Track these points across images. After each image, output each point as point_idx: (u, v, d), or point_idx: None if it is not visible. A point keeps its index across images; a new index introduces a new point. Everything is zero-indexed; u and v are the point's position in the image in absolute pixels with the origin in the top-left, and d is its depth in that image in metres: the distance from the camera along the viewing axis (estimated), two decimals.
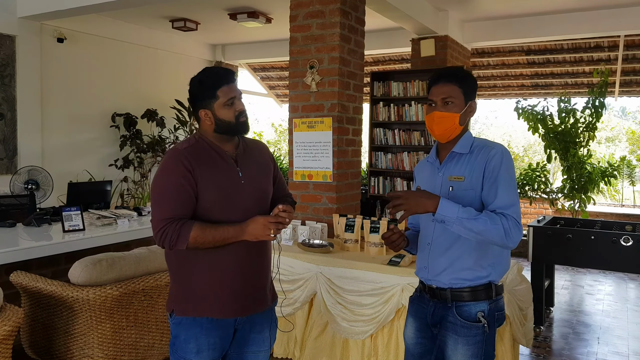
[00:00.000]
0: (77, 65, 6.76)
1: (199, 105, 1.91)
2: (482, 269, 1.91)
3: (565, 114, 5.92)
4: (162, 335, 2.97)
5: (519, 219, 1.82)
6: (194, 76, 1.93)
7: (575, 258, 4.33)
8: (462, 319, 1.90)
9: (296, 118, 4.35)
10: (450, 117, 1.93)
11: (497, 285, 1.95)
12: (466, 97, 1.96)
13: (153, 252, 3.01)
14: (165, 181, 1.85)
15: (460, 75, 1.98)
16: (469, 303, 1.91)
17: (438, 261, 1.96)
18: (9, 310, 2.35)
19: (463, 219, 1.77)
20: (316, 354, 3.29)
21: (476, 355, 1.90)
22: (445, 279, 1.94)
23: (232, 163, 1.94)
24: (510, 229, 1.78)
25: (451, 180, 1.94)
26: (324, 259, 3.31)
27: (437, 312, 1.98)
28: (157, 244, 1.85)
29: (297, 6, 4.32)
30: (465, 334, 1.90)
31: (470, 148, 1.96)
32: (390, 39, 7.33)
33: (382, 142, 6.03)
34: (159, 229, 1.82)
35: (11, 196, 4.20)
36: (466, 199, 1.89)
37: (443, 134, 1.96)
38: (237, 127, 1.92)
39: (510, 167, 1.90)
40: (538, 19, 6.44)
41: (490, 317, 1.91)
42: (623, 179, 9.69)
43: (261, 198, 2.00)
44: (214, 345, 1.90)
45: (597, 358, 3.77)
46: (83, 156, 6.87)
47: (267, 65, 9.87)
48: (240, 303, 1.92)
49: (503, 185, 1.85)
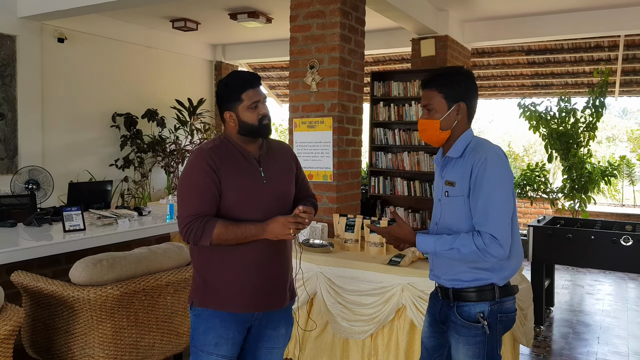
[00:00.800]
0: (78, 65, 6.77)
1: (224, 107, 1.99)
2: (479, 272, 1.90)
3: (565, 113, 5.92)
4: (162, 335, 2.98)
5: (499, 232, 1.79)
6: (221, 79, 2.02)
7: (575, 258, 4.33)
8: (462, 319, 1.92)
9: (296, 118, 4.35)
10: (431, 124, 1.96)
11: (501, 287, 1.92)
12: (448, 100, 1.94)
13: (153, 252, 3.01)
14: (192, 179, 1.92)
15: (442, 79, 1.96)
16: (469, 303, 1.91)
17: (439, 264, 2.00)
18: (9, 310, 2.36)
19: (440, 251, 1.87)
20: (316, 354, 3.29)
21: (477, 356, 1.90)
22: (447, 280, 1.97)
23: (255, 163, 2.00)
24: (487, 245, 1.78)
25: (447, 185, 1.95)
26: (324, 258, 3.32)
27: (443, 310, 2.01)
28: (183, 239, 1.94)
29: (298, 6, 4.32)
30: (465, 334, 1.91)
31: (463, 152, 1.93)
32: (391, 38, 7.33)
33: (382, 142, 6.03)
34: (185, 225, 1.90)
35: (12, 196, 4.20)
36: (457, 206, 1.90)
37: (429, 140, 2.01)
38: (259, 130, 1.99)
39: (495, 174, 1.82)
40: (538, 19, 6.44)
41: (492, 319, 1.90)
42: (623, 179, 9.70)
43: (282, 198, 2.05)
44: (233, 340, 1.96)
45: (597, 358, 3.77)
46: (83, 156, 6.88)
47: (267, 65, 9.87)
48: (259, 299, 1.98)
49: (482, 197, 1.82)
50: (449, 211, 1.94)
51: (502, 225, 1.81)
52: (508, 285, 1.95)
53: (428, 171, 5.72)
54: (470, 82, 1.98)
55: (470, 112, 1.99)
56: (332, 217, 3.87)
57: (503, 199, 1.83)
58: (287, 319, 2.13)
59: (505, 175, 1.85)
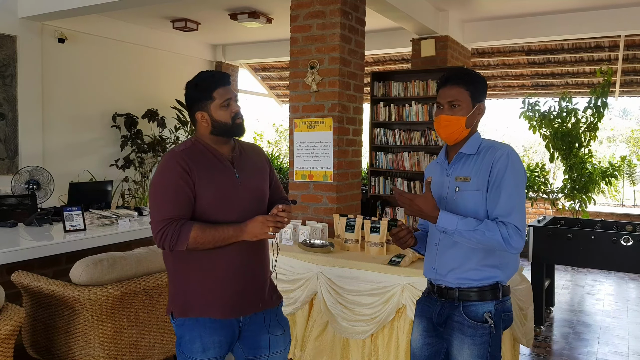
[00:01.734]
0: (78, 66, 6.77)
1: (195, 108, 1.94)
2: (488, 270, 1.92)
3: (567, 113, 5.92)
4: (163, 334, 2.98)
5: (521, 224, 1.83)
6: (189, 80, 1.96)
7: (575, 258, 4.33)
8: (469, 319, 1.91)
9: (297, 118, 4.36)
10: (456, 121, 1.94)
11: (505, 286, 1.96)
12: (474, 99, 1.96)
13: (154, 252, 3.01)
14: (164, 182, 1.86)
15: (468, 77, 1.97)
16: (476, 303, 1.92)
17: (445, 261, 1.98)
18: (10, 309, 2.36)
19: (462, 230, 1.82)
20: (316, 354, 3.29)
21: (482, 356, 1.90)
22: (452, 279, 1.96)
23: (229, 165, 1.96)
24: (510, 236, 1.80)
25: (458, 180, 1.96)
26: (324, 258, 3.32)
27: (443, 312, 1.99)
28: (157, 245, 1.87)
29: (298, 6, 4.33)
30: (471, 334, 1.90)
31: (477, 149, 1.96)
32: (391, 39, 7.33)
33: (382, 142, 6.03)
34: (159, 230, 1.83)
35: (12, 196, 4.21)
36: (472, 200, 1.91)
37: (449, 137, 1.98)
38: (233, 129, 1.95)
39: (517, 170, 1.88)
40: (538, 19, 6.44)
41: (497, 318, 1.92)
42: (624, 179, 9.70)
43: (258, 199, 2.02)
44: (220, 344, 1.92)
45: (597, 358, 3.77)
46: (84, 156, 6.88)
47: (267, 65, 9.88)
48: (240, 303, 1.94)
49: (506, 191, 1.85)
50: (459, 206, 1.94)
51: (523, 217, 1.87)
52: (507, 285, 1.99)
53: None
54: (487, 86, 2.04)
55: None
56: (333, 217, 3.87)
57: (523, 194, 1.90)
58: (281, 320, 2.08)
59: (524, 172, 1.93)
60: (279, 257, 3.39)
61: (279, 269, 3.39)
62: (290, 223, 2.83)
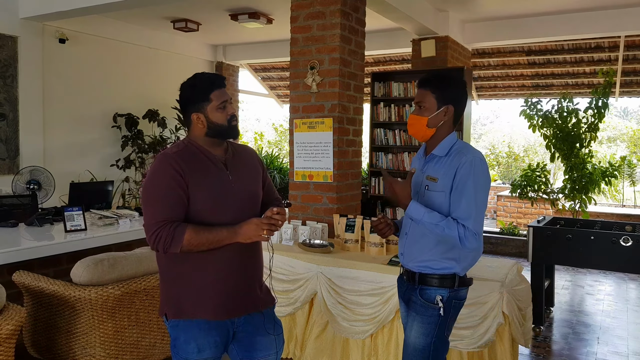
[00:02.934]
0: (79, 66, 6.78)
1: (191, 109, 1.93)
2: (447, 261, 2.11)
3: (567, 114, 5.92)
4: (163, 334, 2.99)
5: (477, 229, 2.02)
6: (184, 82, 1.96)
7: (574, 258, 4.34)
8: (422, 299, 2.14)
9: (297, 118, 4.37)
10: (419, 120, 2.15)
11: (462, 277, 2.15)
12: (439, 101, 2.12)
13: (154, 252, 3.02)
14: (157, 184, 1.85)
15: (437, 80, 2.13)
16: (431, 288, 2.13)
17: (411, 249, 2.19)
18: (11, 309, 2.37)
19: (425, 222, 2.03)
20: (317, 354, 3.30)
21: (427, 334, 2.12)
22: (415, 265, 2.17)
23: (222, 167, 1.96)
24: (466, 237, 2.00)
25: (428, 179, 2.13)
26: (324, 259, 3.33)
27: (407, 292, 2.24)
28: (151, 247, 1.87)
29: (298, 7, 4.34)
30: (422, 313, 2.13)
31: (448, 151, 2.12)
32: (391, 39, 7.34)
33: (382, 143, 6.04)
34: (152, 232, 1.83)
35: (13, 196, 4.22)
36: (437, 200, 2.09)
37: (415, 134, 2.20)
38: (228, 131, 1.96)
39: (479, 177, 2.03)
40: (538, 20, 6.44)
41: (448, 303, 2.12)
42: (624, 179, 9.70)
43: (251, 200, 2.03)
44: (215, 344, 1.93)
45: (596, 358, 3.78)
46: (85, 156, 6.90)
47: (268, 65, 9.89)
48: (232, 304, 1.94)
49: (466, 197, 2.02)
50: (426, 204, 2.11)
51: (480, 222, 2.06)
52: (465, 277, 2.19)
53: None
54: (462, 89, 2.17)
55: (457, 116, 2.17)
56: (333, 218, 3.88)
57: (483, 200, 2.07)
58: (274, 322, 2.08)
59: (487, 178, 2.08)
60: (280, 257, 3.40)
61: (280, 269, 3.40)
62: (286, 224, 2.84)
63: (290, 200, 4.37)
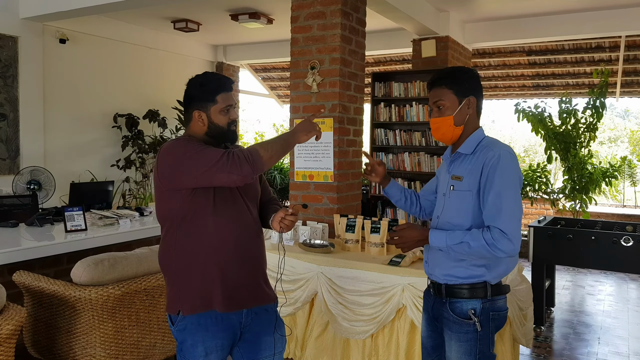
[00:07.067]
0: (79, 66, 6.78)
1: (195, 106, 1.94)
2: (474, 268, 1.92)
3: (566, 114, 5.92)
4: (164, 334, 2.99)
5: (508, 228, 1.80)
6: (193, 77, 1.96)
7: (575, 258, 4.34)
8: (454, 315, 1.94)
9: (297, 119, 4.36)
10: (444, 121, 1.97)
11: (494, 285, 1.94)
12: (459, 95, 1.96)
13: (155, 252, 3.02)
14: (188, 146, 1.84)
15: (449, 75, 1.99)
16: (461, 300, 1.93)
17: (435, 255, 2.01)
18: (11, 309, 2.37)
19: (451, 245, 1.86)
20: (317, 354, 3.30)
21: (469, 353, 1.91)
22: (440, 275, 1.98)
23: None
24: (495, 241, 1.79)
25: (453, 179, 1.98)
26: (324, 259, 3.33)
27: (436, 307, 2.03)
28: (229, 174, 1.76)
29: (298, 7, 4.33)
30: (457, 330, 1.93)
31: (474, 148, 1.96)
32: (391, 39, 7.34)
33: (383, 143, 6.04)
34: (221, 158, 1.75)
35: (14, 196, 4.22)
36: (464, 200, 1.92)
37: (442, 138, 2.01)
38: (227, 134, 1.98)
39: (508, 171, 1.85)
40: (539, 20, 6.44)
41: (484, 316, 1.91)
42: (624, 180, 9.69)
43: (252, 198, 2.05)
44: (222, 347, 1.94)
45: (597, 358, 3.78)
46: (85, 156, 6.90)
47: (268, 65, 9.89)
48: (241, 296, 1.95)
49: (494, 193, 1.84)
50: (452, 205, 1.97)
51: (512, 220, 1.82)
52: (500, 284, 1.98)
53: (429, 172, 5.73)
54: (476, 78, 2.02)
55: (479, 108, 2.02)
56: (333, 218, 3.88)
57: (514, 196, 1.85)
58: (277, 321, 2.09)
59: (516, 173, 1.88)
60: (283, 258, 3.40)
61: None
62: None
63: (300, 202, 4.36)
